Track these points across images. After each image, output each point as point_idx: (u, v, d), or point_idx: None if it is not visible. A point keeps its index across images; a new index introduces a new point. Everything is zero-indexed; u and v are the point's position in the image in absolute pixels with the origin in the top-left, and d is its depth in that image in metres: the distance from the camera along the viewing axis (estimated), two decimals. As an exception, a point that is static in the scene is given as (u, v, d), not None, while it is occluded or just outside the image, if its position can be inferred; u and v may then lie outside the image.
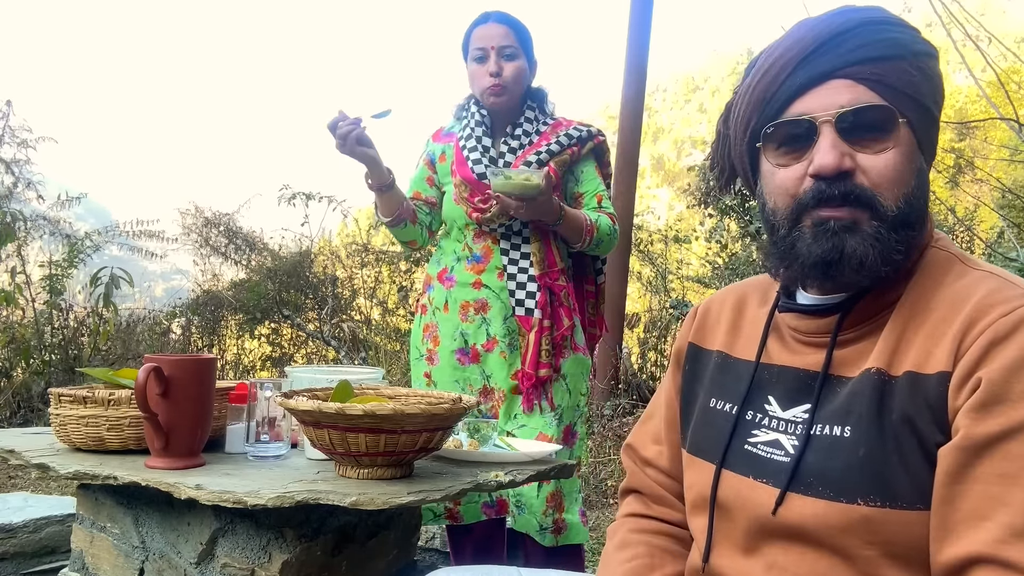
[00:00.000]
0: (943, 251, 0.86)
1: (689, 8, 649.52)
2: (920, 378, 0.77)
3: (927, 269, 0.84)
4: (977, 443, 0.71)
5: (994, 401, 0.71)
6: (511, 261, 1.97)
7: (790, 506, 0.83)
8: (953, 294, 0.80)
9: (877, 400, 0.79)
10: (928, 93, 0.83)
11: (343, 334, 6.98)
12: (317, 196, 6.99)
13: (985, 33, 3.17)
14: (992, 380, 0.71)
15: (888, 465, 0.77)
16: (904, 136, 0.82)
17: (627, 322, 6.32)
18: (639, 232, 7.41)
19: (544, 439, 1.88)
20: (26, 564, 2.23)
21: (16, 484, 3.89)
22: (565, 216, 1.89)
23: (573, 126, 2.03)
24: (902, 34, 0.84)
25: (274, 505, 1.20)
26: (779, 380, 0.91)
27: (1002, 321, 0.74)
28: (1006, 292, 0.77)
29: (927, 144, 0.86)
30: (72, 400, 1.48)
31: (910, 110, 0.82)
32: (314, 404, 1.25)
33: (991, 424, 0.70)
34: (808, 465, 0.83)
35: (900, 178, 0.81)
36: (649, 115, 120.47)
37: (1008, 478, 0.69)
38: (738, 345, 0.99)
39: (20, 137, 6.27)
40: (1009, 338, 0.72)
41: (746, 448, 0.91)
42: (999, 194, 7.08)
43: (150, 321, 7.08)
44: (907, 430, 0.77)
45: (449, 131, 2.13)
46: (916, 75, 0.82)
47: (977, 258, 0.86)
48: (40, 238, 6.34)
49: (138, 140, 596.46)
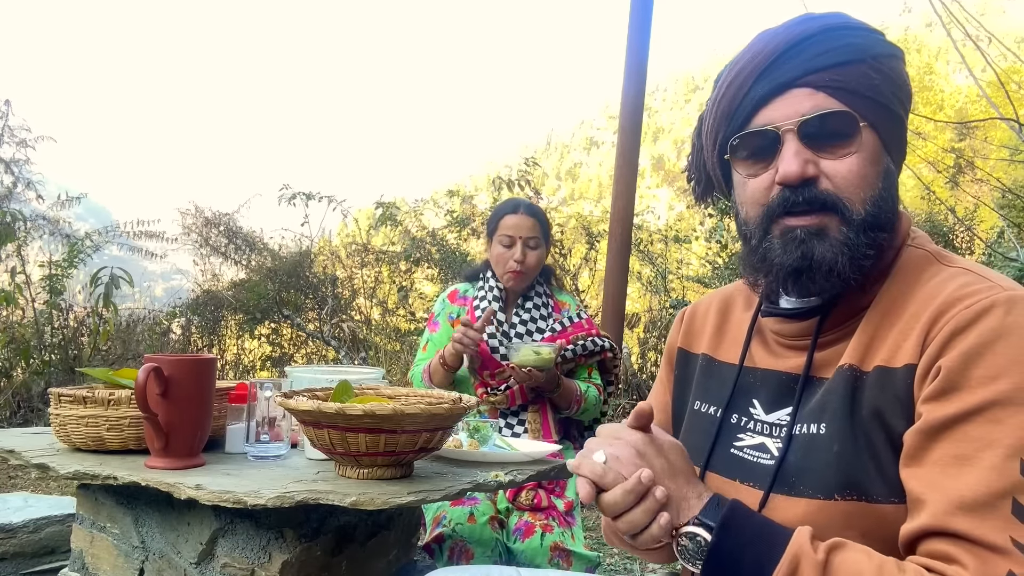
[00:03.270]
0: (919, 249, 0.87)
1: (689, 8, 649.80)
2: (889, 372, 0.79)
3: (903, 268, 0.86)
4: (935, 426, 0.74)
5: (952, 387, 0.74)
6: (507, 424, 2.12)
7: (774, 507, 0.84)
8: (926, 291, 0.82)
9: (849, 396, 0.82)
10: (890, 93, 0.84)
11: (343, 334, 6.98)
12: (317, 196, 6.99)
13: (985, 33, 3.17)
14: (951, 367, 0.74)
15: (860, 460, 0.79)
16: (867, 140, 0.83)
17: (627, 322, 6.32)
18: (639, 232, 7.41)
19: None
20: (26, 564, 2.22)
21: (16, 484, 3.89)
22: (562, 385, 2.09)
23: (592, 338, 2.21)
24: (861, 38, 0.85)
25: (274, 505, 1.19)
26: (763, 384, 0.93)
27: (964, 312, 0.76)
28: (974, 286, 0.78)
29: (893, 144, 0.87)
30: (72, 400, 1.48)
31: (871, 113, 0.83)
32: (314, 404, 1.25)
33: (948, 408, 0.73)
34: (789, 465, 0.85)
35: (865, 182, 0.83)
36: (649, 115, 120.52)
37: (961, 458, 0.72)
38: (722, 348, 1.01)
39: (19, 137, 6.27)
40: (969, 327, 0.75)
41: (732, 452, 0.92)
42: (999, 194, 7.08)
43: (150, 321, 7.08)
44: (876, 424, 0.79)
45: (464, 294, 2.28)
46: (876, 77, 0.83)
47: (954, 255, 0.87)
48: (40, 238, 6.35)
49: (138, 140, 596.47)
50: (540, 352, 1.96)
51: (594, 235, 7.03)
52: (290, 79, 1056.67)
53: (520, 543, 1.82)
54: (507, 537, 1.87)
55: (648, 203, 9.98)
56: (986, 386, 0.72)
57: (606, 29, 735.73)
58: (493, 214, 2.28)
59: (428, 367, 2.14)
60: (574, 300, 2.33)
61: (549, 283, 2.33)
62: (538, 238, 2.19)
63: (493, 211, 2.30)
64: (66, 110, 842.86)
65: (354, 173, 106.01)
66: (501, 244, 2.18)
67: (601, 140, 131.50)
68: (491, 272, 2.26)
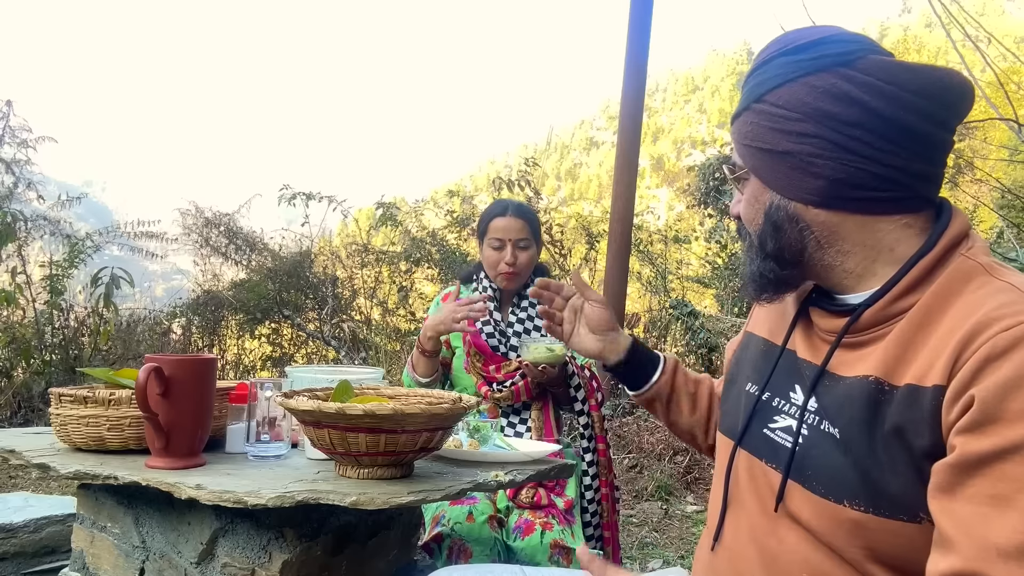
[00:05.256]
0: (971, 260, 0.83)
1: (689, 7, 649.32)
2: (919, 391, 0.78)
3: (948, 279, 0.83)
4: (970, 461, 0.71)
5: (988, 420, 0.71)
6: (509, 424, 2.12)
7: (791, 495, 0.87)
8: (965, 305, 0.79)
9: (872, 408, 0.81)
10: (770, 131, 0.89)
11: (343, 334, 6.99)
12: (317, 196, 6.99)
13: (985, 33, 3.17)
14: (985, 399, 0.71)
15: (875, 473, 0.79)
16: (751, 183, 0.94)
17: (627, 322, 6.32)
18: (639, 232, 7.41)
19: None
20: (26, 564, 2.23)
21: (16, 484, 3.90)
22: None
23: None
24: (759, 76, 0.91)
25: (274, 505, 1.20)
26: (801, 371, 0.96)
27: (1001, 336, 0.73)
28: (1016, 306, 0.75)
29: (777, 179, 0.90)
30: (73, 400, 1.48)
31: (751, 159, 0.93)
32: (314, 404, 1.25)
33: (984, 443, 0.70)
34: (806, 455, 0.87)
35: (749, 217, 0.96)
36: (649, 115, 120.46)
37: (1000, 499, 0.69)
38: (776, 331, 1.05)
39: (20, 137, 6.28)
40: (1006, 355, 0.72)
41: (764, 432, 0.96)
42: (999, 194, 7.08)
43: (150, 321, 7.09)
44: (897, 441, 0.78)
45: (459, 296, 2.28)
46: (754, 122, 0.91)
47: (1009, 268, 0.84)
48: (41, 238, 6.35)
49: (139, 140, 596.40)
50: (553, 349, 1.96)
51: (594, 235, 7.04)
52: (291, 79, 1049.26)
53: (520, 541, 1.82)
54: (507, 535, 1.88)
55: (648, 203, 9.98)
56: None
57: (606, 29, 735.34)
58: (482, 217, 2.29)
59: (410, 358, 2.16)
60: None
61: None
62: (528, 239, 2.19)
63: (482, 214, 2.30)
64: (66, 110, 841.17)
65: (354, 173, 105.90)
66: (491, 247, 2.19)
67: (601, 140, 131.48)
68: (484, 273, 2.28)
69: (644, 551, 3.31)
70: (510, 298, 2.26)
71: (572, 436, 2.23)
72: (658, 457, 4.64)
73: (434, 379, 2.14)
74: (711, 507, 1.04)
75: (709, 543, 1.00)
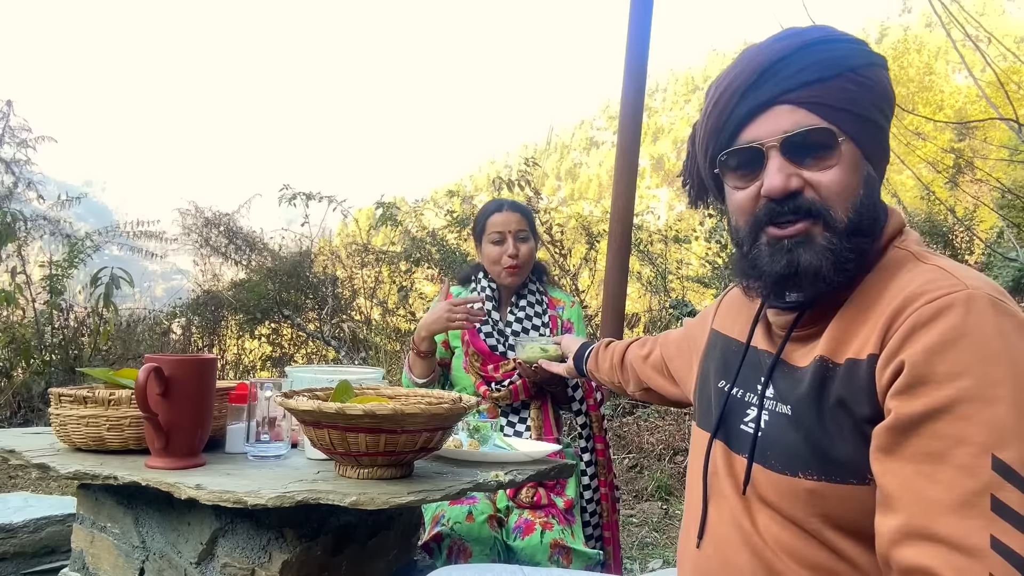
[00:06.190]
0: (903, 250, 0.90)
1: (689, 7, 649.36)
2: (856, 363, 0.83)
3: (883, 267, 0.89)
4: (904, 423, 0.76)
5: (918, 382, 0.75)
6: (508, 423, 2.12)
7: (756, 478, 0.92)
8: (896, 284, 0.85)
9: (818, 385, 0.87)
10: (870, 103, 0.89)
11: (343, 334, 6.99)
12: (317, 196, 6.99)
13: (985, 33, 3.17)
14: (915, 362, 0.76)
15: (824, 443, 0.85)
16: (847, 151, 0.88)
17: (627, 322, 6.32)
18: (639, 232, 7.41)
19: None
20: (26, 564, 2.23)
21: (16, 484, 3.89)
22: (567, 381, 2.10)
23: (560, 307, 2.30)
24: (840, 51, 0.89)
25: (274, 505, 1.20)
26: (762, 363, 1.00)
27: (927, 307, 0.78)
28: (940, 282, 0.80)
29: (874, 151, 0.91)
30: (72, 400, 1.48)
31: (850, 125, 0.88)
32: (314, 404, 1.25)
33: (916, 404, 0.75)
34: (766, 438, 0.92)
35: (847, 191, 0.88)
36: (649, 115, 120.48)
37: (936, 456, 0.73)
38: (741, 329, 1.08)
39: (20, 137, 6.28)
40: (931, 322, 0.77)
41: (737, 425, 1.00)
42: (999, 194, 7.08)
43: (150, 321, 7.09)
44: (842, 412, 0.84)
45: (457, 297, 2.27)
46: (854, 89, 0.87)
47: (934, 254, 0.89)
48: (40, 238, 6.35)
49: (139, 140, 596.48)
50: (547, 349, 1.97)
51: (594, 235, 7.03)
52: (291, 79, 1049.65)
53: (520, 541, 1.82)
54: (507, 535, 1.88)
55: (648, 203, 9.98)
56: (952, 382, 0.74)
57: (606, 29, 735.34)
58: (478, 217, 2.29)
59: (407, 359, 2.16)
60: (568, 297, 2.34)
61: (542, 280, 2.34)
62: (526, 231, 2.21)
63: (477, 215, 2.31)
64: (66, 110, 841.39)
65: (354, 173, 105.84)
66: (491, 242, 2.19)
67: (601, 140, 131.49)
68: (483, 273, 2.28)
69: (644, 551, 3.31)
70: (509, 297, 2.26)
71: (571, 436, 2.23)
72: (658, 457, 4.64)
73: (431, 379, 2.14)
74: (690, 501, 1.06)
75: (693, 538, 1.02)
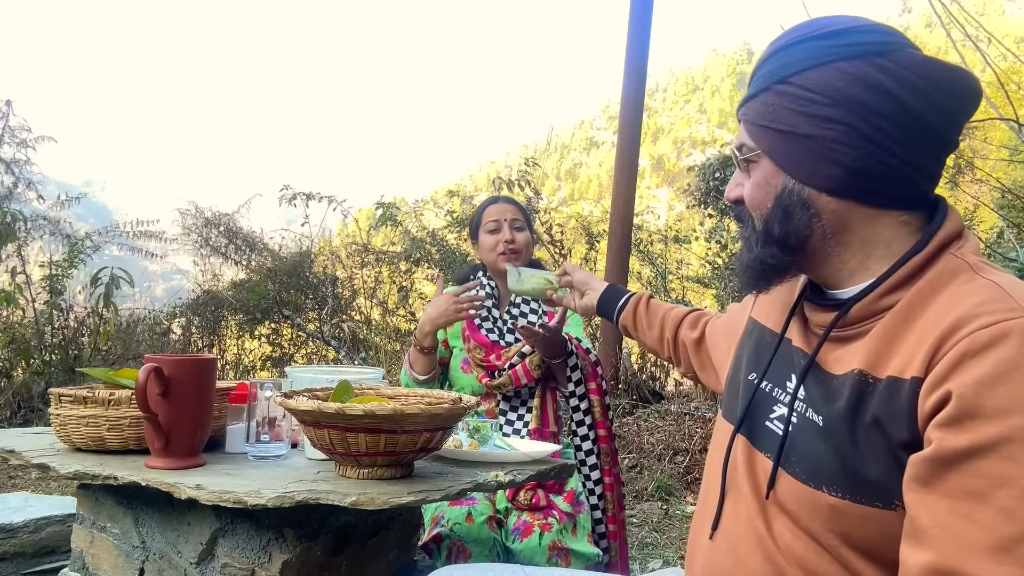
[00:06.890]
0: (958, 258, 0.84)
1: (689, 7, 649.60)
2: (898, 382, 0.79)
3: (934, 275, 0.83)
4: (947, 456, 0.72)
5: (966, 416, 0.71)
6: (507, 422, 2.11)
7: (779, 483, 0.89)
8: (947, 300, 0.79)
9: (855, 399, 0.82)
10: (791, 112, 0.87)
11: (343, 334, 6.99)
12: (317, 196, 7.00)
13: (985, 33, 3.17)
14: (963, 395, 0.71)
15: (854, 460, 0.81)
16: (763, 165, 0.92)
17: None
18: (639, 232, 7.41)
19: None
20: (26, 564, 2.23)
21: (16, 484, 3.89)
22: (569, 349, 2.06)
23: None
24: (777, 61, 0.90)
25: (274, 505, 1.20)
26: (795, 360, 0.97)
27: (980, 333, 0.73)
28: (996, 304, 0.75)
29: (795, 163, 0.89)
30: (72, 400, 1.48)
31: (767, 140, 0.90)
32: (314, 404, 1.25)
33: (962, 439, 0.71)
34: (795, 446, 0.89)
35: (754, 203, 0.94)
36: (649, 115, 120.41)
37: (976, 495, 0.70)
38: (776, 320, 1.05)
39: (20, 137, 6.28)
40: (984, 351, 0.72)
41: (763, 420, 0.97)
42: (999, 194, 7.08)
43: (150, 321, 7.09)
44: (876, 431, 0.80)
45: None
46: (775, 103, 0.89)
47: (994, 267, 0.84)
48: (40, 238, 6.35)
49: (139, 140, 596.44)
50: (552, 280, 1.81)
51: (594, 235, 7.04)
52: (291, 79, 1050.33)
53: (519, 543, 1.82)
54: (505, 537, 1.88)
55: (648, 203, 9.97)
56: (1001, 419, 0.69)
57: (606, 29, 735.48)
58: (475, 214, 2.32)
59: (408, 356, 2.15)
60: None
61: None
62: (521, 221, 2.23)
63: (473, 214, 2.35)
64: (66, 110, 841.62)
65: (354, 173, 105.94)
66: (487, 231, 2.21)
67: (601, 140, 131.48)
68: (482, 272, 2.29)
69: (644, 551, 3.31)
70: (507, 293, 2.26)
71: (569, 425, 2.21)
72: (658, 457, 4.64)
73: (432, 377, 2.14)
74: (706, 491, 1.04)
75: (706, 531, 1.00)
